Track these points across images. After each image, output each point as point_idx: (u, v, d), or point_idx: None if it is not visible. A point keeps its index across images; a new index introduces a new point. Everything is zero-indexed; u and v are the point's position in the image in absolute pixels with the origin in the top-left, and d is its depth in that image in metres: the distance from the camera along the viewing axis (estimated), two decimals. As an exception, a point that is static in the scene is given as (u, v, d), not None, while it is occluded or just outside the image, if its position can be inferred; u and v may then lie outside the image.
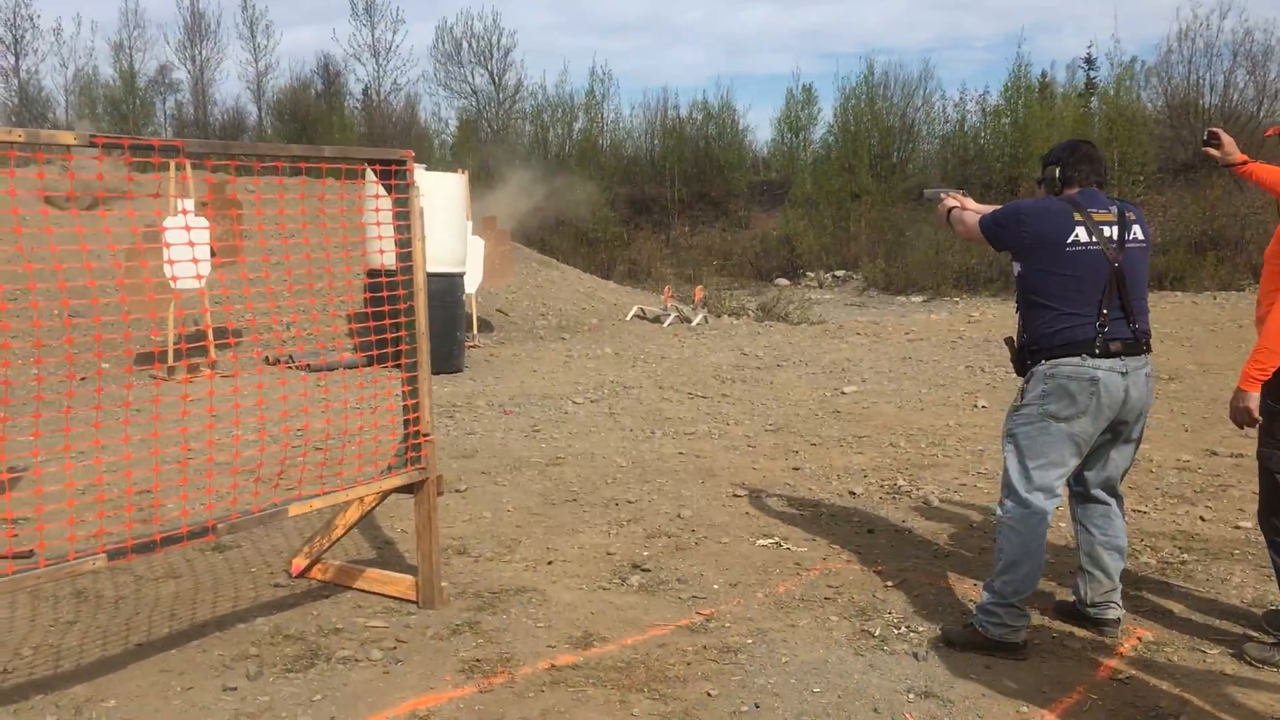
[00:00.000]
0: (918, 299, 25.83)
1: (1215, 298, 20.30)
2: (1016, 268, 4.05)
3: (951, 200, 4.47)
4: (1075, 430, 3.88)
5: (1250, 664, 3.83)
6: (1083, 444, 3.93)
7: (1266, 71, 33.99)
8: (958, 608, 4.39)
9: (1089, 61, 37.70)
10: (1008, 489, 4.02)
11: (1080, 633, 4.12)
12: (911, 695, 3.57)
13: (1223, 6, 54.33)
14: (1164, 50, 38.85)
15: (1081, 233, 3.88)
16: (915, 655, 3.90)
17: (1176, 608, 4.40)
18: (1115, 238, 3.91)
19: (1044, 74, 38.57)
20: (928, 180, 35.72)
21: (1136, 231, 3.97)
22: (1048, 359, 3.91)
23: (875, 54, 70.97)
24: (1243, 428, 3.89)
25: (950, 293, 26.17)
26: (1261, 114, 32.12)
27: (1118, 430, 4.00)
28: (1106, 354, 3.86)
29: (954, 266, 27.01)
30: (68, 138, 3.23)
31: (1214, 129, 4.41)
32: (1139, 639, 4.06)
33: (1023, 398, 3.99)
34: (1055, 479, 3.94)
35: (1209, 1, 63.33)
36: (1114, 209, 3.97)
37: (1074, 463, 3.97)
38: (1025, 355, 4.03)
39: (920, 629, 4.16)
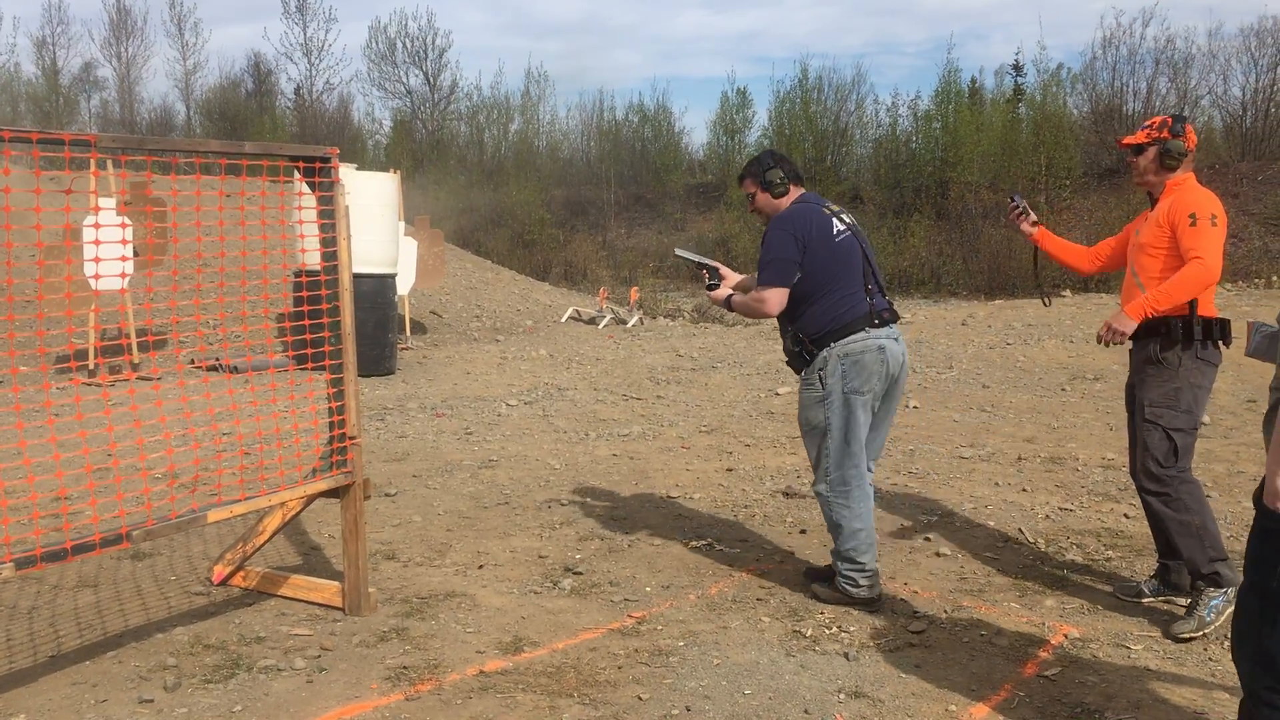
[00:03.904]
0: (851, 301, 26.07)
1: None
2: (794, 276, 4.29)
3: (724, 289, 4.60)
4: (869, 400, 4.24)
5: (1187, 637, 4.02)
6: (873, 409, 4.30)
7: (1187, 79, 35.06)
8: (887, 607, 4.40)
9: (1017, 68, 38.47)
10: (829, 470, 4.33)
11: (1008, 630, 4.15)
12: (842, 695, 3.57)
13: (1145, 15, 55.76)
14: (1089, 57, 39.85)
15: (837, 223, 4.29)
16: (846, 655, 3.90)
17: (1101, 605, 4.46)
18: (849, 223, 4.35)
19: (973, 80, 39.31)
20: (860, 185, 36.12)
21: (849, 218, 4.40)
22: (835, 341, 4.21)
23: (809, 58, 71.84)
24: (1106, 345, 4.06)
25: (883, 295, 26.44)
26: (1183, 120, 32.96)
27: (890, 392, 4.35)
28: (882, 323, 4.24)
29: (886, 269, 27.32)
30: (-29, 130, 3.10)
31: (1018, 193, 4.89)
32: (1065, 636, 4.11)
33: (822, 386, 4.26)
34: (863, 447, 4.30)
35: (1132, 10, 64.97)
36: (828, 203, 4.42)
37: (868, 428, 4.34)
38: (807, 347, 4.28)
39: (851, 629, 4.16)
